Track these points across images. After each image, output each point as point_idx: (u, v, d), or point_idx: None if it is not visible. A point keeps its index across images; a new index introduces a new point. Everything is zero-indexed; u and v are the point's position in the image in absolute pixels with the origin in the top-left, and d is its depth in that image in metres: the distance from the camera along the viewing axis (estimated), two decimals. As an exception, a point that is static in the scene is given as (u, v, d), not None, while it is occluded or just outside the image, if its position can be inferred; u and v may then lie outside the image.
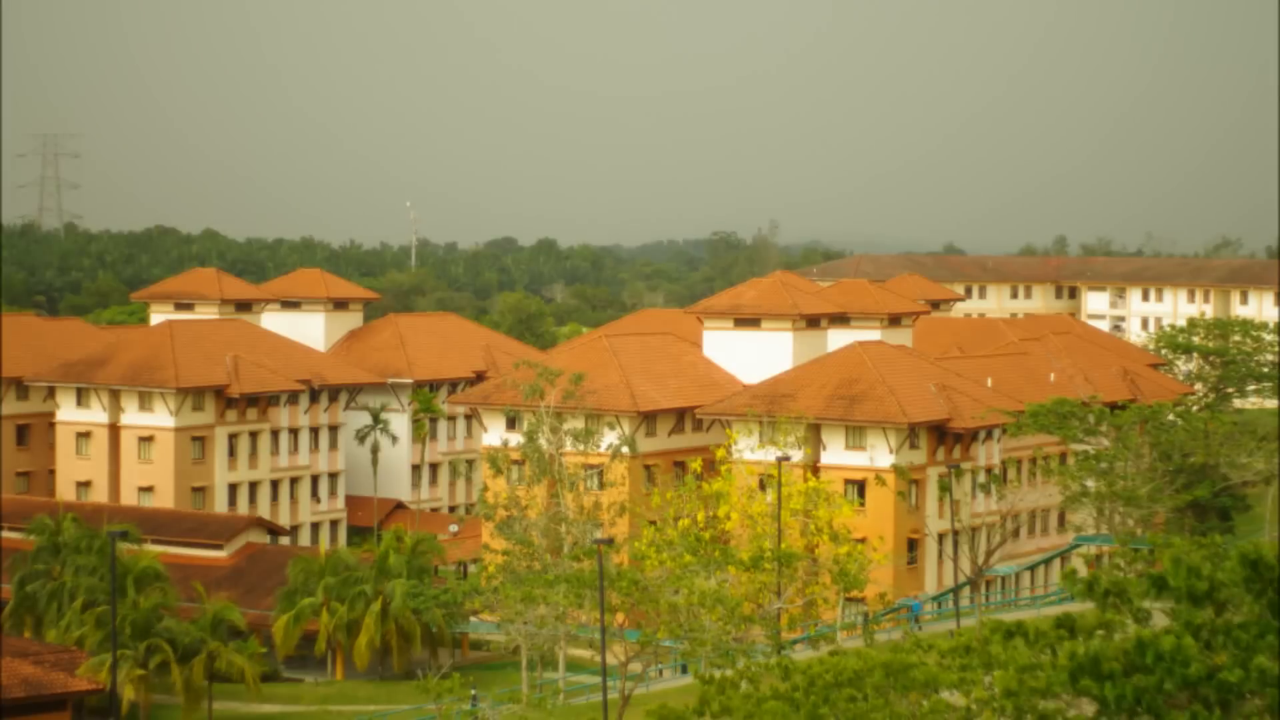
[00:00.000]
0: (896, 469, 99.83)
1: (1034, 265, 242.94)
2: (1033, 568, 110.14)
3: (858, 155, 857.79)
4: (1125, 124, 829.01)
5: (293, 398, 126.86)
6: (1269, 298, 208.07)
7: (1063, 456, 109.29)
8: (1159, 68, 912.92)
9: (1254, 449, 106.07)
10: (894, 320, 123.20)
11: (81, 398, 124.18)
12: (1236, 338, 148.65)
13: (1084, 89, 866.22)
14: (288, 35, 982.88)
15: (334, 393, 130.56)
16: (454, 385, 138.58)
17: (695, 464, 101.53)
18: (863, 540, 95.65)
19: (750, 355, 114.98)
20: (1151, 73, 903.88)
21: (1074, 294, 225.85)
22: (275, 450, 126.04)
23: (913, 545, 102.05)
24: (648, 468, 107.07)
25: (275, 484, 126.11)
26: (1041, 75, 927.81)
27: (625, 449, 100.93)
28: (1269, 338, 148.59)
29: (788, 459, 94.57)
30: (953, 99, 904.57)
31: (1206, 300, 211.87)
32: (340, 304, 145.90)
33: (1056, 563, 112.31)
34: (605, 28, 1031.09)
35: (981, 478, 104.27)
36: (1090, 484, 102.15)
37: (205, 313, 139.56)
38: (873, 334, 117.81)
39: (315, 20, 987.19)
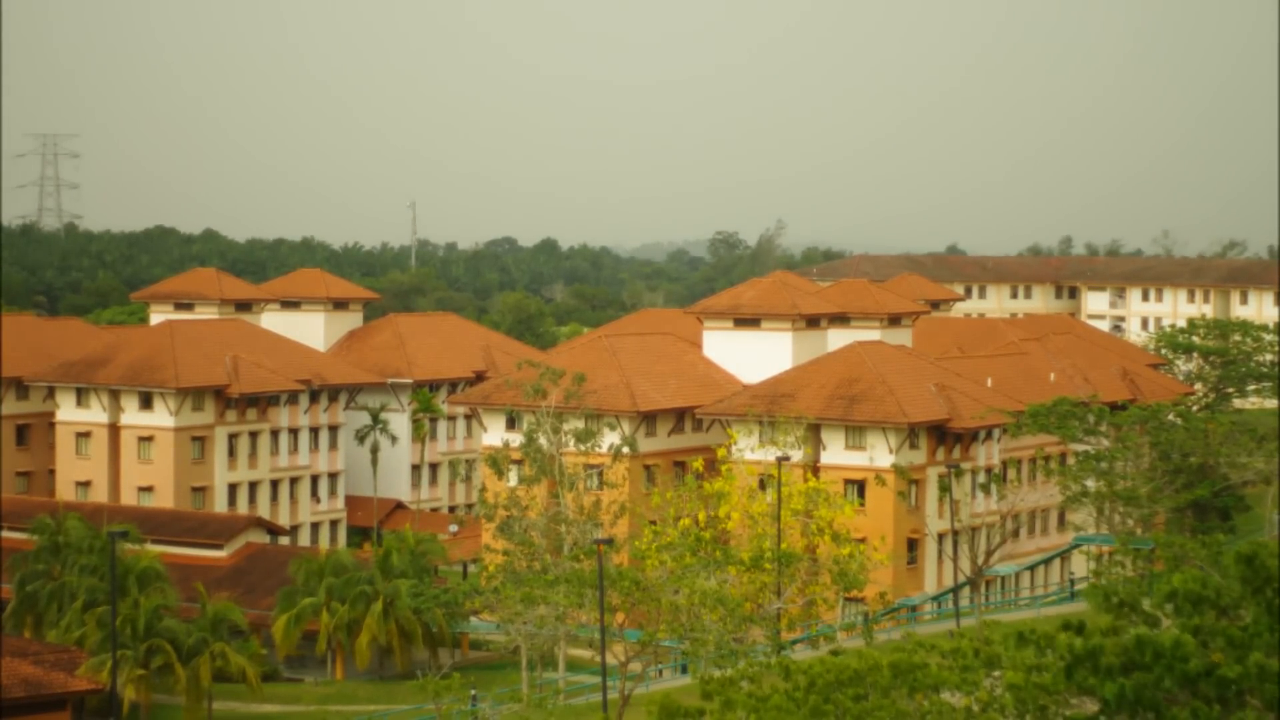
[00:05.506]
0: (896, 469, 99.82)
1: (1034, 265, 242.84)
2: (1033, 568, 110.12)
3: (860, 157, 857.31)
4: (1128, 125, 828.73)
5: (293, 398, 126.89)
6: (1269, 298, 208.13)
7: (1063, 456, 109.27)
8: (1163, 70, 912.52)
9: (1254, 449, 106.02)
10: (894, 320, 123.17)
11: (81, 398, 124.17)
12: (1236, 338, 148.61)
13: (1085, 90, 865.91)
14: (288, 35, 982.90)
15: (334, 393, 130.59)
16: (454, 385, 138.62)
17: (698, 463, 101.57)
18: (863, 540, 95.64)
19: (750, 355, 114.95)
20: (1154, 75, 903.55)
21: (1074, 294, 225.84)
22: (275, 450, 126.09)
23: (913, 545, 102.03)
24: (648, 468, 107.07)
25: (275, 484, 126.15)
26: (1045, 76, 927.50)
27: (626, 449, 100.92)
28: (1269, 338, 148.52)
29: (788, 459, 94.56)
30: (956, 100, 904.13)
31: (1206, 300, 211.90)
32: (340, 304, 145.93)
33: (1057, 563, 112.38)
34: (609, 29, 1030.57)
35: (981, 478, 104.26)
36: (1090, 484, 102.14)
37: (205, 313, 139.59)
38: (873, 334, 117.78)
39: (315, 19, 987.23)
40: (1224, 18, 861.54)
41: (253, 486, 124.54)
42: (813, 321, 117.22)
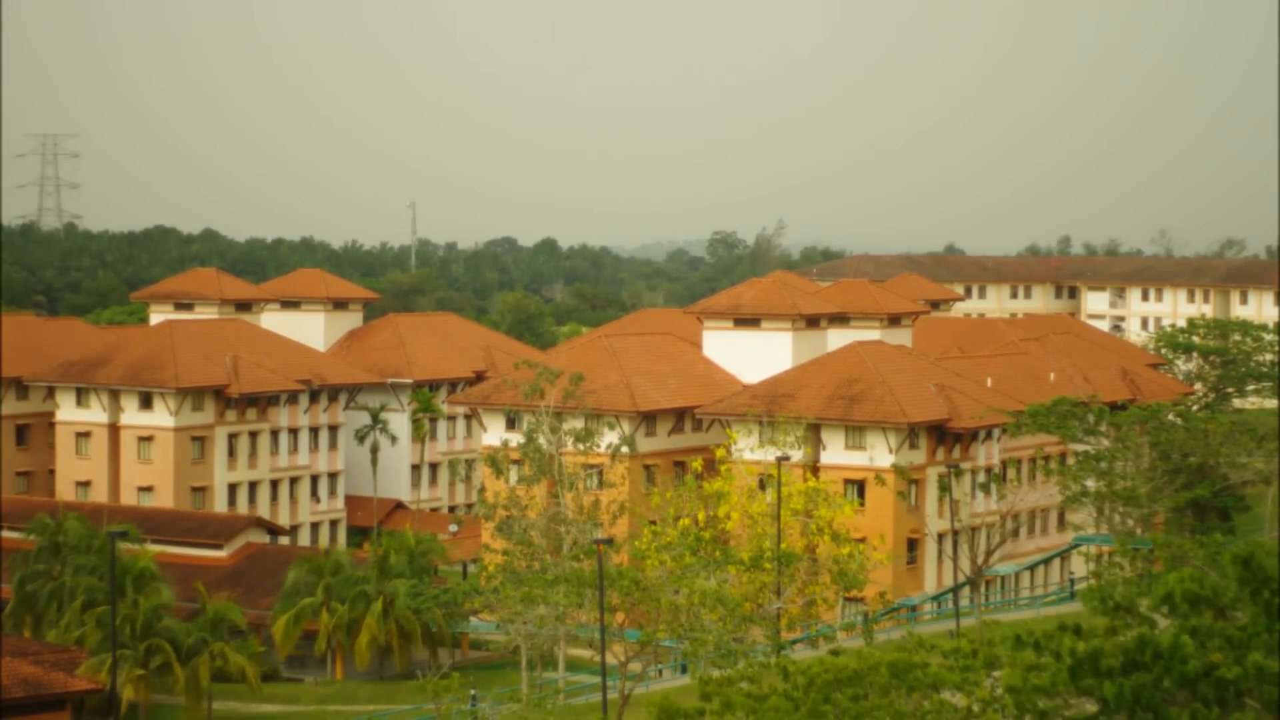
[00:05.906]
0: (896, 469, 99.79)
1: (1034, 265, 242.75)
2: (1033, 568, 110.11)
3: (860, 167, 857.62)
4: (1129, 129, 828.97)
5: (292, 398, 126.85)
6: (1269, 298, 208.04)
7: (1063, 456, 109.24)
8: (1163, 73, 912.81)
9: (1254, 449, 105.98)
10: (894, 320, 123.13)
11: (81, 398, 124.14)
12: (1236, 338, 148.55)
13: (1087, 97, 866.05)
14: (289, 35, 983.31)
15: (334, 393, 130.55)
16: (454, 385, 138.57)
17: (696, 463, 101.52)
18: (862, 540, 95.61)
19: (750, 355, 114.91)
20: (1155, 78, 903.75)
21: (1074, 294, 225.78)
22: (275, 450, 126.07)
23: (913, 545, 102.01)
24: (648, 468, 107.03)
25: (275, 484, 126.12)
26: (1047, 84, 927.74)
27: (625, 449, 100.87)
28: (1269, 338, 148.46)
29: (787, 459, 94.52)
30: (956, 109, 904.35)
31: (1206, 300, 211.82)
32: (340, 304, 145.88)
33: (1056, 563, 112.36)
34: (611, 32, 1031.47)
35: (981, 478, 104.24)
36: (1090, 484, 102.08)
37: (205, 313, 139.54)
38: (873, 334, 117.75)
39: (317, 21, 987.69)
40: (1225, 21, 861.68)
41: (253, 486, 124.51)
42: (813, 321, 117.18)
